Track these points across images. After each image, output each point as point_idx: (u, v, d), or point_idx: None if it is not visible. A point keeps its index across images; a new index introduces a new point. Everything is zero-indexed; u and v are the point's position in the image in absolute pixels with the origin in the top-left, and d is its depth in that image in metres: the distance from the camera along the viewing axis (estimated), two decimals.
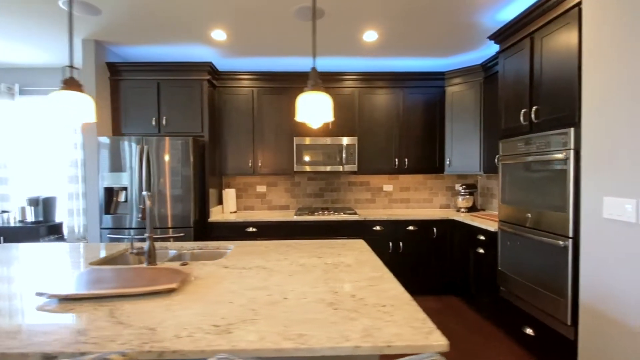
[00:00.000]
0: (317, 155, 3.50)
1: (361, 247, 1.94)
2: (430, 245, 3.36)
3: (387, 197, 3.94)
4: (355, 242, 2.11)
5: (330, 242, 2.10)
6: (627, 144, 1.46)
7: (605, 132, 1.58)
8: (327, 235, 3.30)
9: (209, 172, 3.31)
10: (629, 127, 1.45)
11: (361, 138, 3.59)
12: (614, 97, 1.52)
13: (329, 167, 3.50)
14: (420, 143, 3.64)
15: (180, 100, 3.24)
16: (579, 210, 1.78)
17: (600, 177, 1.62)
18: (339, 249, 1.90)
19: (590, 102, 1.68)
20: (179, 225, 2.98)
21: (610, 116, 1.55)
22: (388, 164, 3.62)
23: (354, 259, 1.66)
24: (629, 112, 1.45)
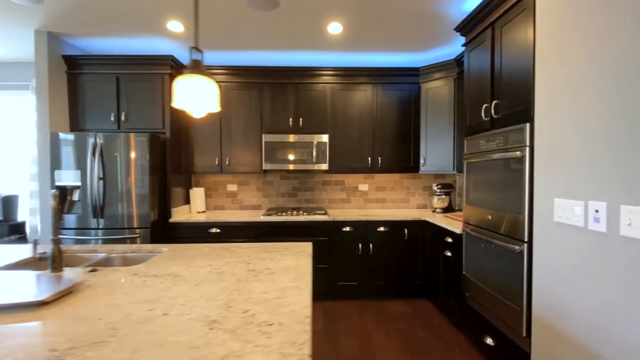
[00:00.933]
0: (287, 153, 3.37)
1: (303, 251, 1.81)
2: (402, 247, 3.23)
3: (363, 197, 3.81)
4: (300, 245, 1.98)
5: (274, 246, 1.97)
6: (577, 141, 1.32)
7: (557, 129, 1.45)
8: (295, 236, 3.17)
9: (171, 170, 3.19)
10: (580, 123, 1.31)
11: (333, 136, 3.46)
12: (567, 91, 1.38)
13: (299, 166, 3.37)
14: (394, 141, 3.50)
15: (141, 95, 3.12)
16: (533, 213, 1.65)
17: (551, 176, 1.49)
18: (278, 253, 1.77)
19: (543, 95, 1.54)
20: (134, 226, 2.86)
21: (561, 112, 1.41)
22: (361, 163, 3.49)
23: (284, 266, 1.53)
24: (580, 108, 1.31)
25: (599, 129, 1.21)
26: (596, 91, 1.22)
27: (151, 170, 2.91)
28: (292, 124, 3.43)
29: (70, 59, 3.06)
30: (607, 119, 1.17)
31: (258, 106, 3.43)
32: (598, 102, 1.21)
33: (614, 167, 1.14)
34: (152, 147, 2.92)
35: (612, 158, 1.15)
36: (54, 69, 2.96)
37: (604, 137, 1.18)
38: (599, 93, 1.21)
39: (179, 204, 3.43)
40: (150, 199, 2.88)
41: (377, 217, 3.22)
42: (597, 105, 1.22)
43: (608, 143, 1.17)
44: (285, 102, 3.44)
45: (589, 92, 1.26)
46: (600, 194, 1.20)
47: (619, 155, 1.12)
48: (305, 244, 2.02)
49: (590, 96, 1.25)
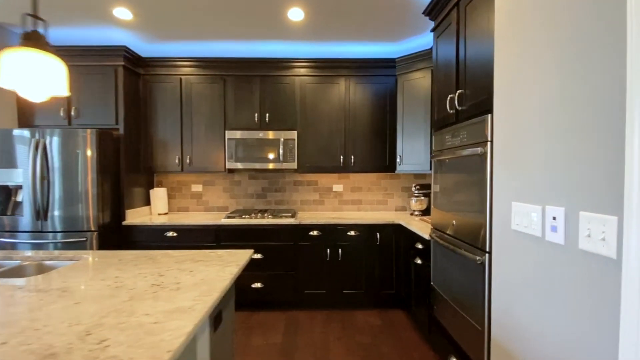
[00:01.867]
0: (253, 151, 3.14)
1: (236, 260, 1.59)
2: (374, 253, 2.99)
3: (337, 198, 3.57)
4: (239, 253, 1.76)
5: (207, 253, 1.74)
6: (536, 136, 1.08)
7: (515, 121, 1.21)
8: (259, 240, 2.94)
9: (127, 169, 2.97)
10: (539, 115, 1.07)
11: (303, 133, 3.23)
12: (527, 78, 1.14)
13: (266, 165, 3.14)
14: (369, 139, 3.26)
15: (94, 89, 2.90)
16: (492, 219, 1.41)
17: (509, 176, 1.25)
18: (204, 263, 1.54)
19: (501, 82, 1.31)
20: (78, 229, 2.64)
21: (520, 101, 1.18)
22: (333, 162, 3.25)
23: (199, 279, 1.31)
24: (539, 98, 1.07)
25: (559, 122, 0.97)
26: (557, 79, 0.99)
27: (100, 168, 2.69)
28: (257, 119, 3.21)
29: None
30: (567, 112, 0.94)
31: (221, 100, 3.21)
32: (559, 92, 0.98)
33: (574, 165, 0.90)
34: (102, 144, 2.70)
35: (572, 155, 0.91)
36: None
37: (564, 132, 0.95)
38: (560, 82, 0.97)
39: (138, 205, 3.21)
40: (98, 200, 2.66)
41: (347, 221, 2.98)
42: (557, 96, 0.98)
43: (567, 138, 0.93)
44: (251, 96, 3.21)
45: (548, 80, 1.02)
46: (558, 198, 0.96)
47: (580, 152, 0.88)
48: (246, 251, 1.79)
49: (550, 85, 1.01)
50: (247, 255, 1.71)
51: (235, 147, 3.14)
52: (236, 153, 3.14)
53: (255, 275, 2.95)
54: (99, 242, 2.67)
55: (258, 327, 2.66)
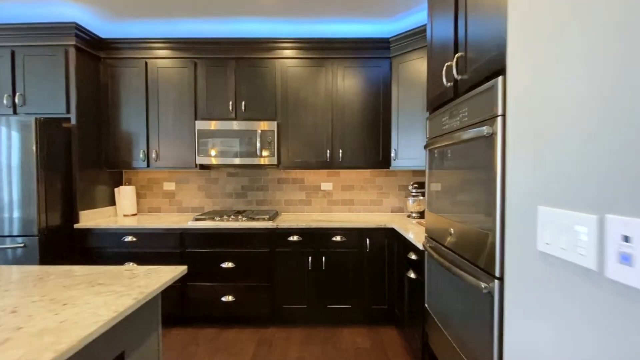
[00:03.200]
0: (225, 144, 2.75)
1: (145, 285, 1.21)
2: (363, 262, 2.57)
3: (326, 197, 3.16)
4: (160, 272, 1.37)
5: (119, 272, 1.37)
6: (587, 92, 0.66)
7: (546, 75, 0.78)
8: (230, 247, 2.55)
9: (80, 164, 2.60)
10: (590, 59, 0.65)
11: (283, 123, 2.83)
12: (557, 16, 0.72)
13: (241, 160, 2.75)
14: (359, 130, 2.84)
15: (42, 73, 2.54)
16: (505, 230, 0.99)
17: (534, 162, 0.83)
18: (102, 288, 1.16)
19: (519, 21, 0.88)
20: (15, 234, 2.29)
21: (552, 44, 0.75)
22: (318, 156, 2.84)
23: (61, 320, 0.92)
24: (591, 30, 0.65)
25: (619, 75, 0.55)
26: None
27: (45, 164, 2.33)
28: (232, 108, 2.81)
29: None
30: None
31: (191, 87, 2.82)
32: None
33: None
34: (45, 136, 2.34)
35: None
36: None
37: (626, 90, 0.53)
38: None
39: (101, 205, 2.86)
40: (40, 200, 2.30)
41: (332, 224, 2.57)
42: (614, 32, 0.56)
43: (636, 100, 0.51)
44: (225, 82, 2.82)
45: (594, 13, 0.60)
46: (633, 201, 0.54)
47: None
48: (171, 270, 1.42)
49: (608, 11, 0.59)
50: (169, 276, 1.32)
51: (206, 140, 2.76)
52: (207, 147, 2.76)
53: (225, 287, 2.56)
54: (43, 249, 2.32)
55: (224, 349, 2.27)
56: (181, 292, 2.56)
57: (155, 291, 1.24)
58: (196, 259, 2.55)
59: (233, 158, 2.75)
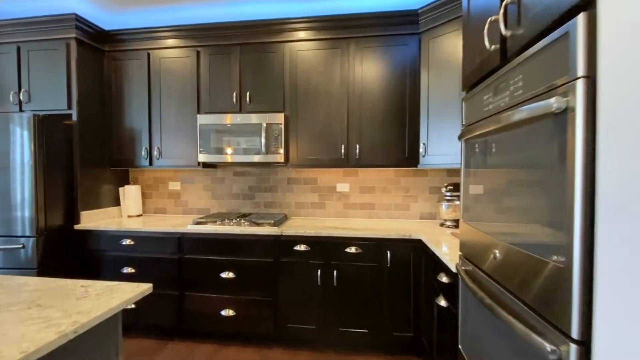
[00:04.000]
0: (229, 139, 2.48)
1: (87, 311, 0.94)
2: (383, 279, 2.16)
3: (342, 200, 2.78)
4: (116, 291, 1.10)
5: (73, 287, 1.13)
6: None
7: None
8: (230, 254, 2.27)
9: (82, 162, 2.48)
10: None
11: (292, 115, 2.49)
12: None
13: (243, 157, 2.46)
14: (380, 122, 2.42)
15: (46, 69, 2.45)
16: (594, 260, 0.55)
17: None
18: (36, 312, 0.91)
19: None
20: (18, 234, 2.19)
21: None
22: (331, 153, 2.47)
23: None
24: None
25: None
26: None
27: (44, 162, 2.21)
28: (236, 100, 2.53)
29: None
30: None
31: (194, 78, 2.59)
32: None
33: None
34: (44, 133, 2.22)
35: None
36: None
37: None
38: None
39: (107, 205, 2.73)
40: (38, 200, 2.19)
41: (345, 232, 2.18)
42: None
43: None
44: (228, 70, 2.55)
45: None
46: None
47: None
48: (131, 291, 1.14)
49: None
50: (122, 299, 1.05)
51: (208, 136, 2.50)
52: (209, 143, 2.50)
53: (225, 300, 2.28)
54: (42, 250, 2.20)
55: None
56: (179, 302, 2.33)
57: (99, 318, 0.99)
58: (195, 267, 2.30)
59: (236, 155, 2.47)
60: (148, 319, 2.37)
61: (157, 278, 2.34)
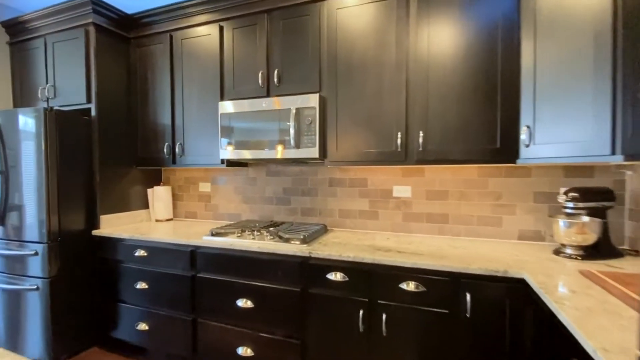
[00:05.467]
0: (253, 130, 1.99)
1: None
2: (457, 334, 1.41)
3: (401, 209, 2.07)
4: None
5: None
6: None
7: None
8: (249, 276, 1.77)
9: (102, 161, 2.25)
10: None
11: (330, 96, 1.88)
12: None
13: (266, 153, 1.94)
14: (456, 99, 1.66)
15: (69, 60, 2.28)
16: None
17: None
18: None
19: None
20: (26, 239, 2.03)
21: None
22: (382, 144, 1.79)
23: None
24: None
25: None
26: None
27: (57, 160, 2.01)
28: (262, 81, 2.02)
29: (11, 26, 2.47)
30: None
31: (216, 60, 2.16)
32: None
33: None
34: (58, 129, 2.02)
35: None
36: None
37: None
38: None
39: (135, 208, 2.50)
40: (51, 202, 1.99)
41: (403, 260, 1.49)
42: None
43: None
44: (254, 45, 2.06)
45: None
46: None
47: None
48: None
49: None
50: None
51: (229, 128, 2.05)
52: (231, 136, 2.05)
53: (242, 335, 1.79)
54: (55, 258, 2.00)
55: None
56: (192, 329, 1.92)
57: None
58: (209, 289, 1.86)
59: (257, 150, 1.96)
60: (161, 345, 2.02)
61: (170, 298, 1.97)
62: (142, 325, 2.05)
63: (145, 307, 2.05)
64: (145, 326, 2.04)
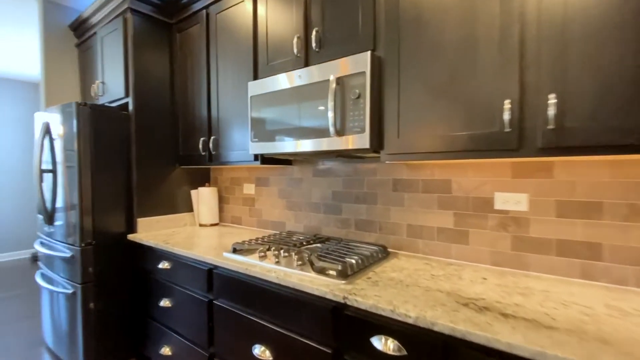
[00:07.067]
0: (283, 115, 1.49)
1: None
2: None
3: (512, 230, 1.28)
4: None
5: None
6: None
7: None
8: (271, 315, 1.28)
9: (139, 159, 2.07)
10: None
11: (388, 54, 1.24)
12: None
13: (296, 143, 1.40)
14: (627, 39, 0.84)
15: (114, 53, 2.17)
16: None
17: None
18: None
19: None
20: (65, 241, 1.94)
21: None
22: (477, 124, 1.06)
23: None
24: None
25: None
26: None
27: (92, 159, 1.89)
28: (298, 47, 1.50)
29: (75, 28, 2.53)
30: None
31: (250, 30, 1.73)
32: None
33: None
34: (92, 125, 1.88)
35: None
36: (57, 44, 2.50)
37: None
38: None
39: (182, 210, 2.30)
40: (81, 203, 1.86)
41: (511, 342, 0.78)
42: None
43: None
44: (289, 4, 1.55)
45: None
46: None
47: None
48: None
49: None
50: None
51: (260, 114, 1.59)
52: (262, 124, 1.59)
53: None
54: (90, 262, 1.87)
55: None
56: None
57: None
58: (225, 321, 1.44)
59: (289, 141, 1.44)
60: None
61: (189, 324, 1.62)
62: (166, 349, 1.76)
63: (169, 329, 1.75)
64: (168, 351, 1.75)
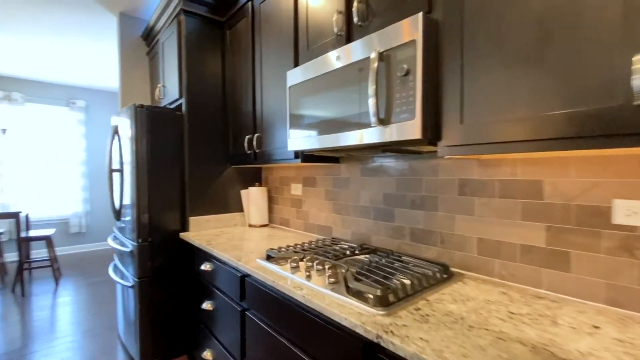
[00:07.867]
0: (323, 104, 1.28)
1: None
2: None
3: (635, 256, 0.86)
4: None
5: None
6: None
7: None
8: (299, 338, 1.09)
9: (192, 158, 2.10)
10: None
11: (448, 16, 0.93)
12: None
13: (332, 137, 1.18)
14: None
15: (171, 56, 2.25)
16: None
17: None
18: None
19: None
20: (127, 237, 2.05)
21: None
22: (583, 99, 0.70)
23: None
24: None
25: None
26: None
27: (147, 159, 1.96)
28: (339, 25, 1.27)
29: (145, 37, 2.73)
30: None
31: (290, 13, 1.57)
32: None
33: None
34: (147, 126, 1.96)
35: None
36: (130, 53, 2.72)
37: None
38: None
39: (234, 210, 2.29)
40: (138, 202, 1.94)
41: None
42: None
43: None
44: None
45: None
46: None
47: None
48: None
49: None
50: None
51: (298, 106, 1.42)
52: (301, 117, 1.41)
53: None
54: (146, 259, 1.95)
55: None
56: None
57: None
58: (256, 336, 1.30)
59: (328, 135, 1.22)
60: None
61: (226, 332, 1.53)
62: (207, 354, 1.71)
63: (211, 333, 1.70)
64: (209, 355, 1.70)
